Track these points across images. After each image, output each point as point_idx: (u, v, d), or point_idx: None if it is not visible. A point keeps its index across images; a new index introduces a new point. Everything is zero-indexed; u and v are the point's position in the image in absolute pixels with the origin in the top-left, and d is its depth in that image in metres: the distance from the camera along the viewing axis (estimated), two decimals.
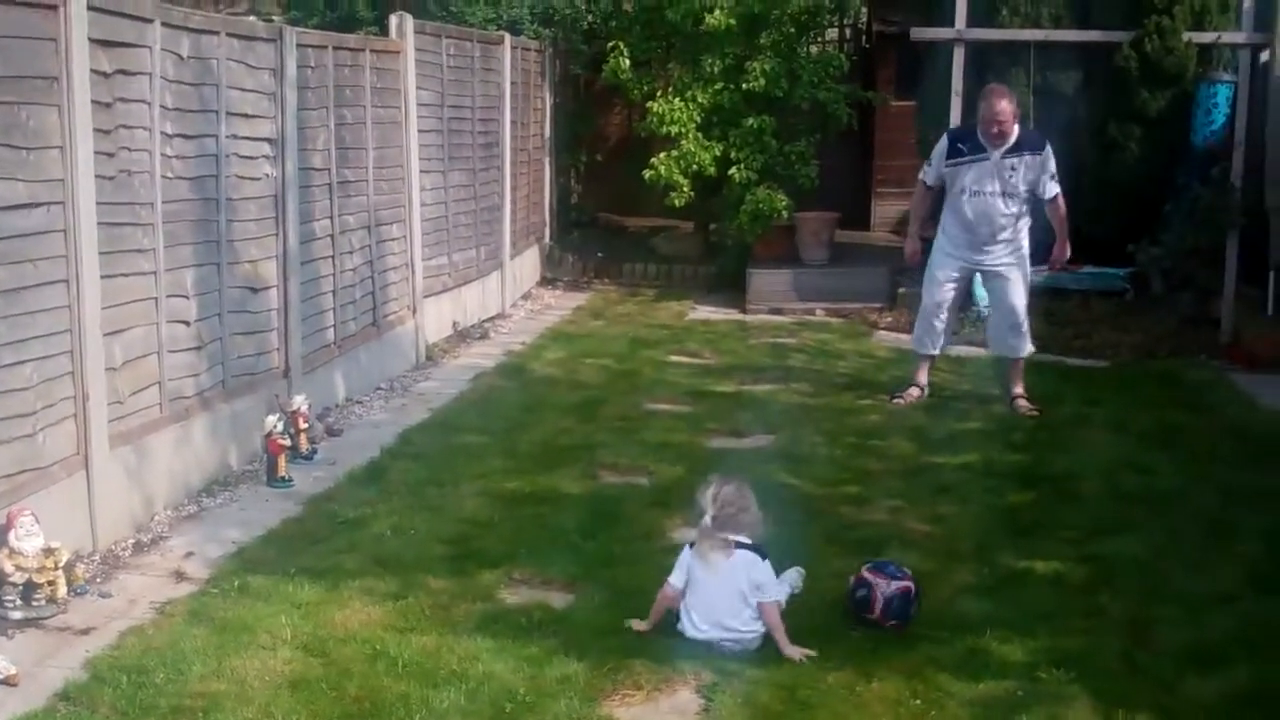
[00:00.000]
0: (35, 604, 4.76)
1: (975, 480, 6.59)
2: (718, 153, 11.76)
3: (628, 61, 12.14)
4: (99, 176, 5.39)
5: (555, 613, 4.86)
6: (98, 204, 5.37)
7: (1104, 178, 10.24)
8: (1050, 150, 7.81)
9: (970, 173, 7.82)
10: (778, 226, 11.70)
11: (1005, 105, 7.70)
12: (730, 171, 11.69)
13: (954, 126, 8.44)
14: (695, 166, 11.71)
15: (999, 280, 8.04)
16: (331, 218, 7.77)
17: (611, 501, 6.17)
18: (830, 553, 5.45)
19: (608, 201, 14.75)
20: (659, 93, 12.11)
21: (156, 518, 5.84)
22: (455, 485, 6.35)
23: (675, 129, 11.71)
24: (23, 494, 4.96)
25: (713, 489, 4.63)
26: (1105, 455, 6.99)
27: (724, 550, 4.56)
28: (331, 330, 7.83)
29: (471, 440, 7.20)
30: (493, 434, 7.32)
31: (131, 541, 5.56)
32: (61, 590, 4.83)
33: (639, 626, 4.69)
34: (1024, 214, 7.89)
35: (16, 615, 4.70)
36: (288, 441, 6.49)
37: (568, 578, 5.19)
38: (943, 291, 8.11)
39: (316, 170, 7.56)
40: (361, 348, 8.26)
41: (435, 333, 9.62)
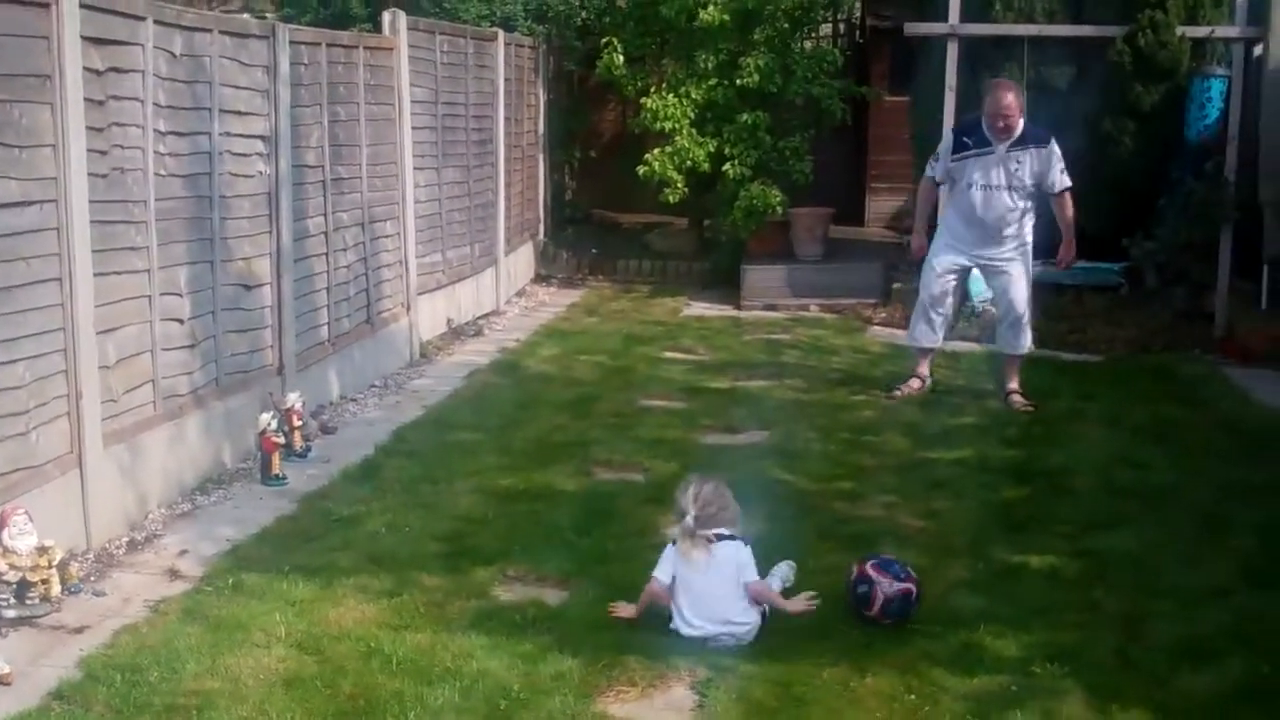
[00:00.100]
0: (29, 603, 4.76)
1: (969, 475, 6.59)
2: (712, 149, 11.75)
3: (621, 58, 12.14)
4: (92, 174, 5.39)
5: (549, 609, 4.86)
6: (90, 202, 5.37)
7: (1098, 173, 10.23)
8: (1055, 144, 7.76)
9: (976, 167, 7.76)
10: (772, 222, 11.69)
11: (1011, 99, 7.65)
12: (724, 167, 11.69)
13: (961, 120, 8.37)
14: (689, 162, 11.70)
15: (1001, 275, 7.99)
16: (325, 215, 7.76)
17: (606, 498, 6.18)
18: (824, 548, 5.46)
19: (602, 198, 14.76)
20: (653, 89, 12.10)
21: (150, 516, 5.84)
22: (449, 482, 6.35)
23: (669, 125, 11.70)
24: (16, 492, 4.96)
25: (693, 489, 4.67)
26: (1099, 450, 7.00)
27: (706, 548, 4.60)
28: (325, 328, 7.83)
29: (466, 437, 7.20)
30: (487, 431, 7.32)
31: (125, 540, 5.56)
32: (55, 589, 4.83)
33: (624, 611, 4.70)
34: (1029, 209, 7.83)
35: (10, 614, 4.70)
36: (282, 439, 6.51)
37: (562, 574, 5.20)
38: (941, 284, 8.06)
39: (310, 168, 7.55)
40: (355, 345, 8.25)
41: (429, 330, 9.61)
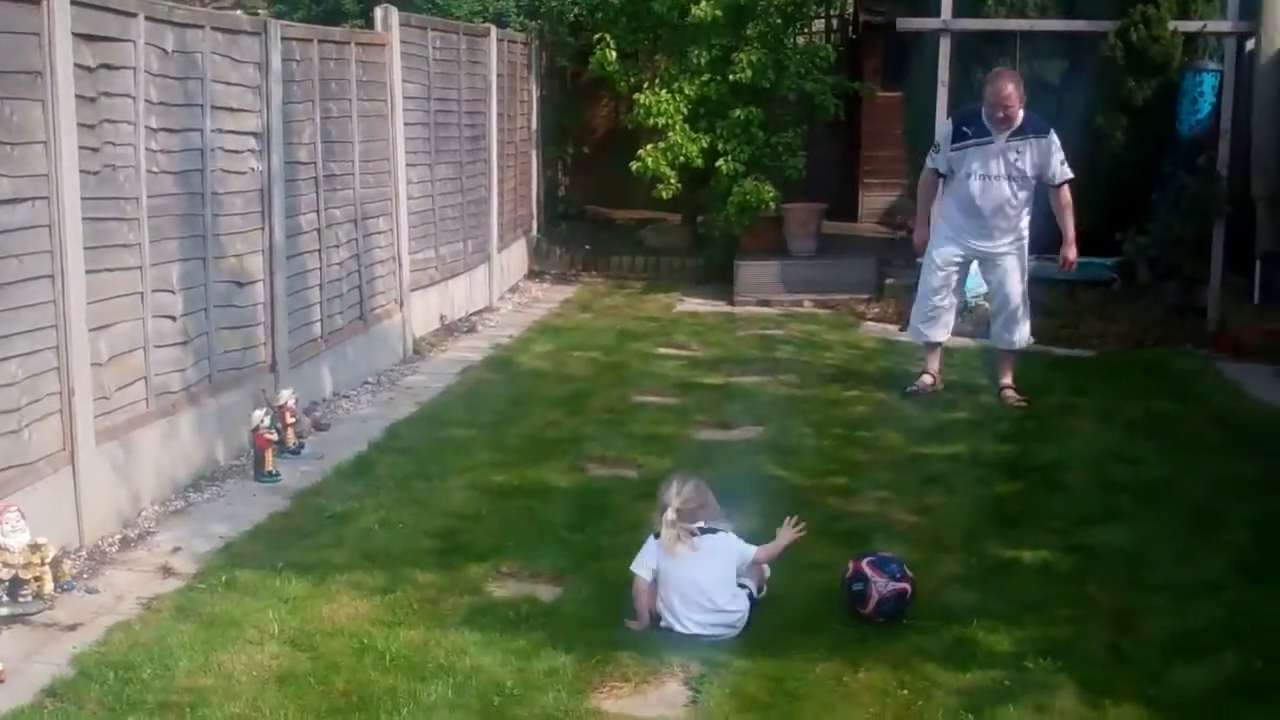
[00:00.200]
0: (22, 600, 4.75)
1: (962, 471, 6.60)
2: (705, 144, 11.75)
3: (614, 53, 12.14)
4: (83, 171, 5.38)
5: (543, 605, 4.87)
6: (82, 199, 5.36)
7: (1090, 167, 10.22)
8: (1055, 135, 7.72)
9: (975, 156, 7.71)
10: (765, 218, 11.69)
11: (1011, 89, 7.60)
12: (717, 163, 11.69)
13: (961, 110, 8.33)
14: (682, 158, 11.70)
15: (997, 269, 7.95)
16: (318, 211, 7.75)
17: (599, 494, 6.17)
18: (817, 544, 5.44)
19: (595, 194, 14.75)
20: (646, 85, 12.11)
21: (143, 513, 5.83)
22: (443, 479, 6.35)
23: (662, 121, 11.70)
24: (8, 490, 4.95)
25: (675, 484, 4.75)
26: (1092, 445, 7.01)
27: (689, 541, 4.65)
28: (318, 324, 7.81)
29: (459, 434, 7.20)
30: (480, 427, 7.32)
31: (118, 537, 5.55)
32: (48, 586, 4.82)
33: (636, 626, 4.69)
34: (1027, 202, 7.77)
35: (3, 612, 4.69)
36: (275, 436, 6.50)
37: (555, 570, 5.20)
38: (941, 276, 7.99)
39: (302, 164, 7.54)
40: (348, 342, 8.24)
41: (422, 326, 9.60)
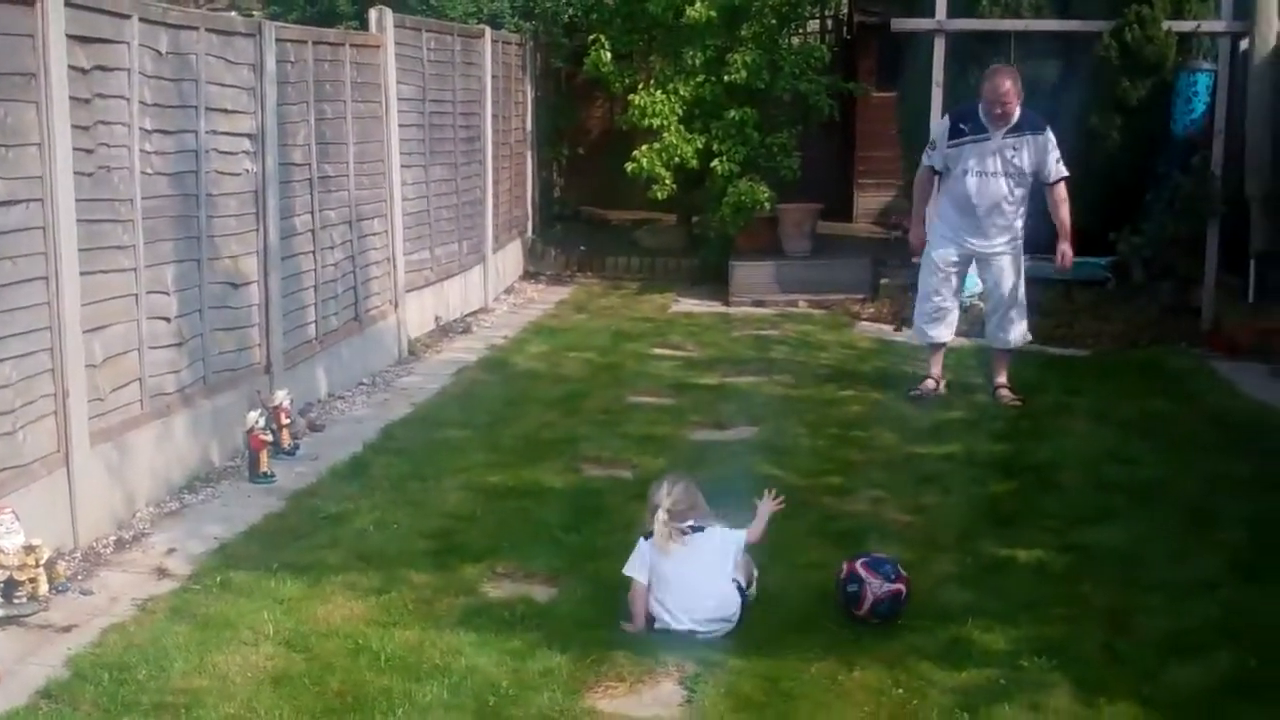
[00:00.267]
0: (16, 602, 4.74)
1: (957, 470, 6.60)
2: (700, 145, 11.76)
3: (609, 54, 12.14)
4: (78, 173, 5.38)
5: (538, 606, 4.87)
6: (77, 200, 5.36)
7: (1085, 167, 10.23)
8: (1051, 132, 7.71)
9: (971, 153, 7.68)
10: (760, 218, 11.70)
11: (1009, 85, 7.58)
12: (712, 164, 11.69)
13: (958, 106, 8.32)
14: (677, 159, 11.71)
15: (992, 268, 7.93)
16: (312, 213, 7.75)
17: (594, 495, 6.17)
18: (812, 544, 5.47)
19: (590, 195, 14.76)
20: (640, 85, 12.11)
21: (138, 514, 5.82)
22: (438, 480, 6.35)
23: (657, 122, 11.71)
24: (3, 492, 4.94)
25: (666, 484, 4.77)
26: (1087, 444, 7.02)
27: (681, 539, 4.67)
28: (313, 325, 7.81)
29: (454, 435, 7.20)
30: (475, 428, 7.32)
31: (113, 538, 5.54)
32: (43, 588, 4.81)
33: (632, 629, 4.69)
34: (1023, 200, 7.75)
35: None
36: (270, 437, 6.49)
37: (550, 571, 5.20)
38: (941, 275, 7.95)
39: (297, 165, 7.54)
40: (343, 343, 8.24)
41: (417, 327, 9.60)
